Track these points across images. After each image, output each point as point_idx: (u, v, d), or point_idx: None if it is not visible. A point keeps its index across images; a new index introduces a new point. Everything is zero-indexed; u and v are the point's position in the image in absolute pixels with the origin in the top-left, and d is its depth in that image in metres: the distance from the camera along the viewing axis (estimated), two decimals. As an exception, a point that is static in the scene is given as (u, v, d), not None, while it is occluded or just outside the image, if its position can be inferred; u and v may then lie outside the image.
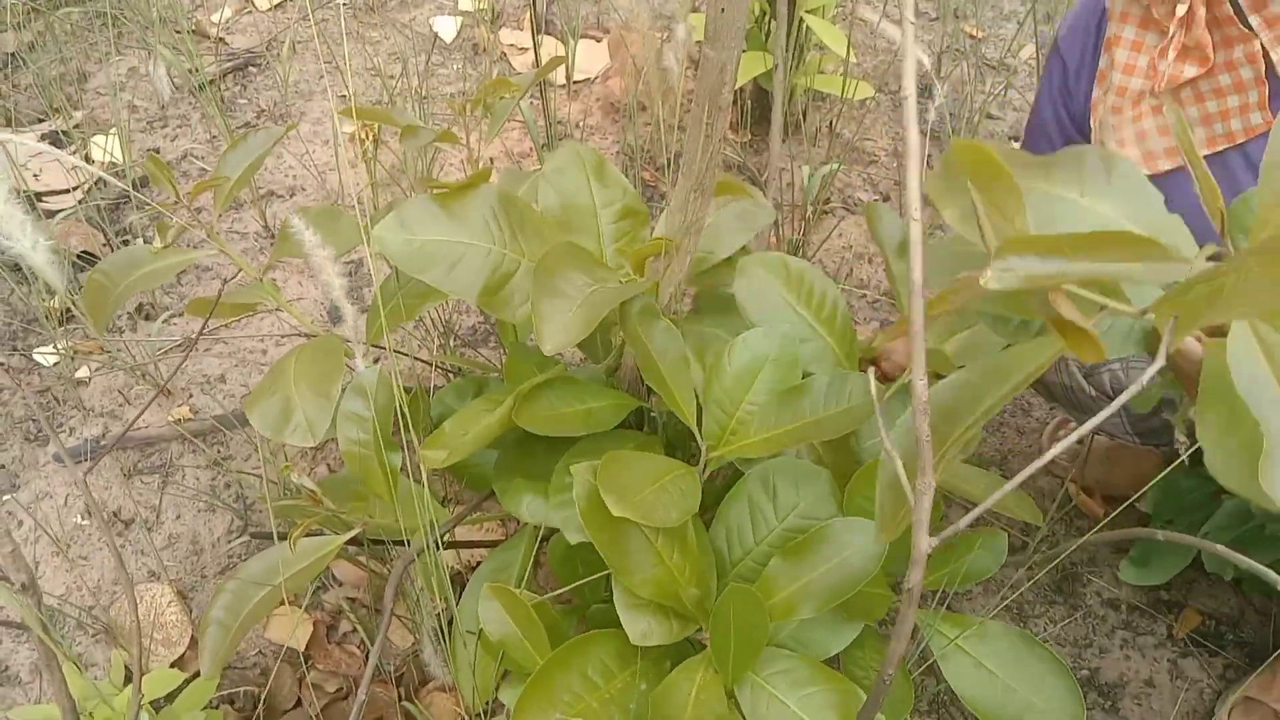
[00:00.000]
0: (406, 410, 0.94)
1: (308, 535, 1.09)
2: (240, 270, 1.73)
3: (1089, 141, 1.10)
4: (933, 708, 1.30)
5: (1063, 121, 1.15)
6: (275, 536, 1.05)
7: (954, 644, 0.93)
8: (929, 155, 1.98)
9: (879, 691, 0.63)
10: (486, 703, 1.14)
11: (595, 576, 1.06)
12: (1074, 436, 0.55)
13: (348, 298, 1.70)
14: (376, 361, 1.50)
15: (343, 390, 1.06)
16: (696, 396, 0.98)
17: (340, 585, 1.37)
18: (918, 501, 0.60)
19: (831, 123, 2.00)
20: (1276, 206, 0.55)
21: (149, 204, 1.80)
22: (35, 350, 1.60)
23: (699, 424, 0.98)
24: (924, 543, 0.60)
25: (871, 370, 0.62)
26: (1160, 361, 0.51)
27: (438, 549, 1.01)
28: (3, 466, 1.46)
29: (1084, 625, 1.37)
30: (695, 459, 1.00)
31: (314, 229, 0.85)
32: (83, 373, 1.58)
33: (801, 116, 1.94)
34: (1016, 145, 2.02)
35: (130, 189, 1.84)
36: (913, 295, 0.50)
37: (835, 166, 1.75)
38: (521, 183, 1.20)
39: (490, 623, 0.98)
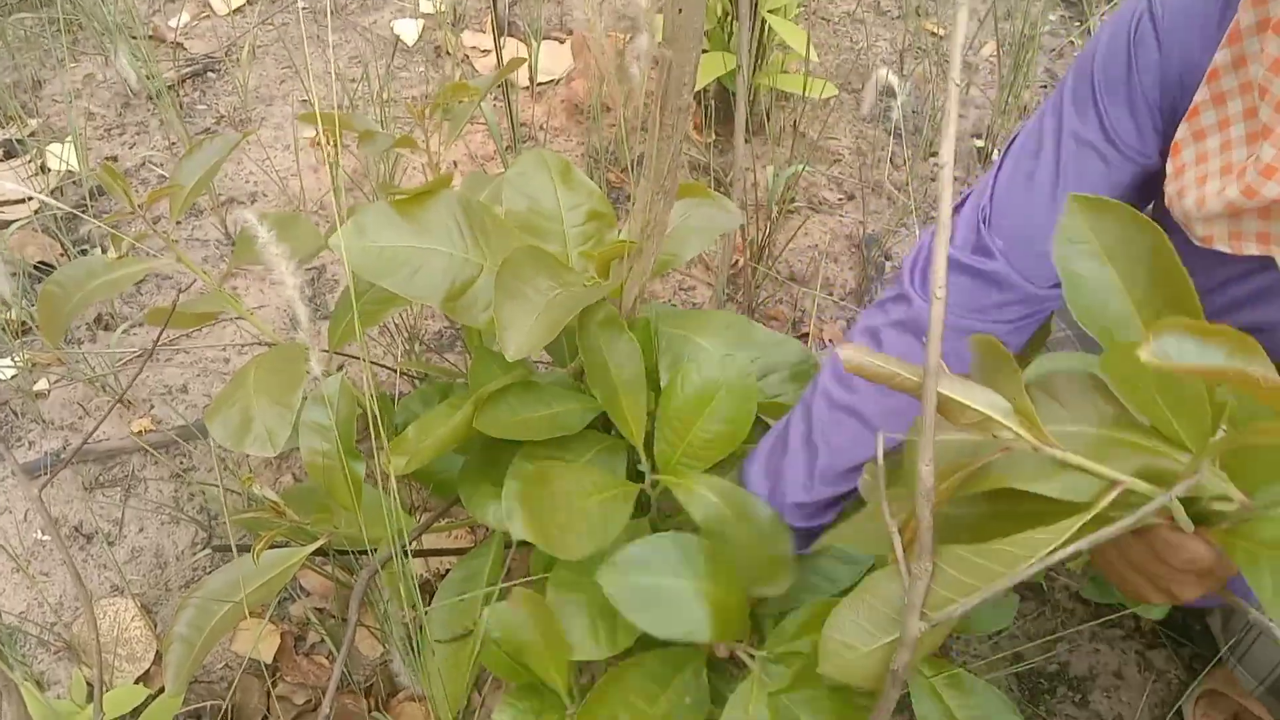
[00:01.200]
0: (378, 415, 0.93)
1: (272, 547, 1.07)
2: (202, 281, 1.71)
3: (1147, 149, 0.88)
4: (903, 706, 1.30)
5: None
6: (237, 549, 1.03)
7: (931, 688, 0.93)
8: (891, 153, 1.99)
9: None
10: (458, 712, 1.13)
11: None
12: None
13: (309, 304, 1.69)
14: (340, 369, 1.49)
15: (304, 399, 1.05)
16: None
17: (307, 596, 1.36)
18: (912, 585, 0.60)
19: (795, 122, 2.00)
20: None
21: (106, 214, 1.77)
22: (-9, 363, 1.57)
23: (648, 447, 0.97)
24: (915, 627, 0.60)
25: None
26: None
27: (406, 557, 1.00)
28: (-41, 482, 1.44)
29: (1052, 619, 1.38)
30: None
31: (271, 231, 0.83)
32: (41, 385, 1.55)
33: (765, 116, 1.94)
34: (979, 142, 2.04)
35: (87, 197, 1.81)
36: (927, 377, 0.49)
37: (800, 168, 1.75)
38: (485, 186, 1.19)
39: (515, 627, 0.95)
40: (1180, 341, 0.48)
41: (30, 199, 1.80)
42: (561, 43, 2.18)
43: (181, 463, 1.47)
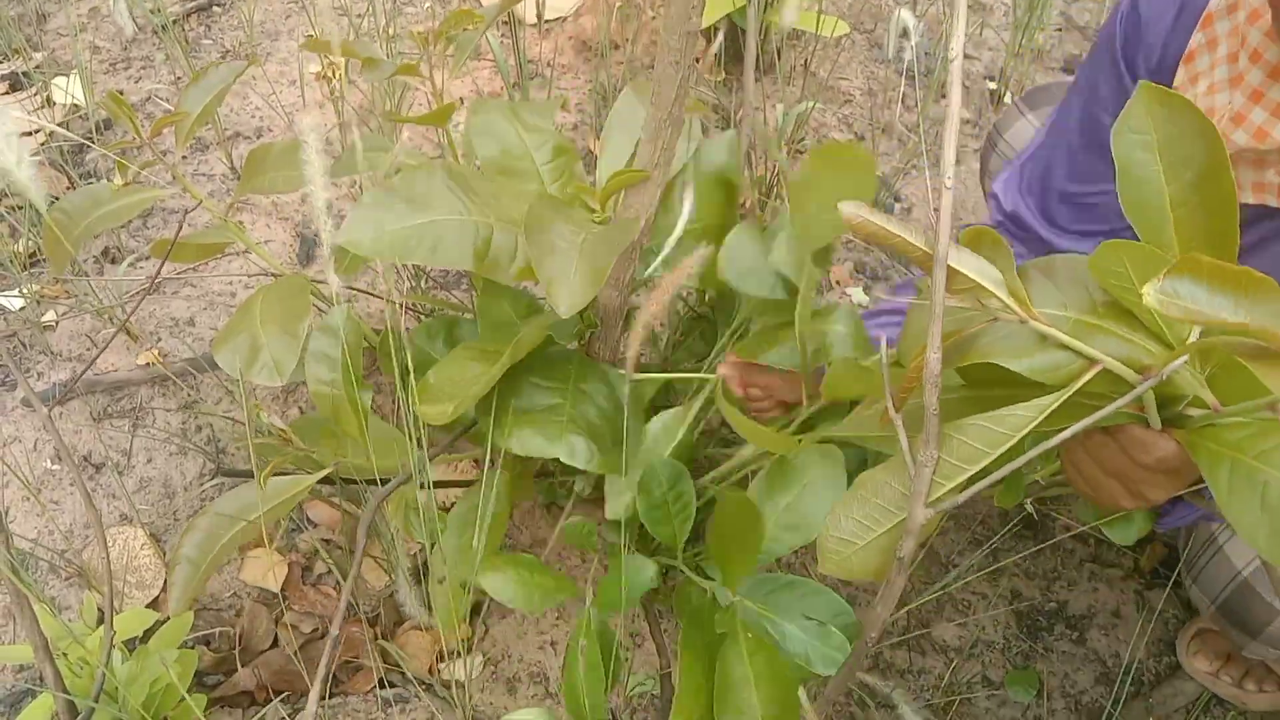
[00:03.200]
0: (379, 348, 0.94)
1: (280, 474, 1.08)
2: (208, 212, 1.70)
3: None
4: (904, 640, 1.31)
5: (1119, 69, 0.96)
6: (254, 471, 1.04)
7: None
8: (903, 95, 1.97)
9: (861, 652, 0.64)
10: (463, 640, 1.15)
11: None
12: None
13: (313, 239, 1.68)
14: (348, 302, 1.49)
15: (309, 331, 1.05)
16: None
17: (315, 527, 1.37)
18: (918, 473, 0.61)
19: (806, 61, 1.98)
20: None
21: (110, 146, 1.77)
22: (0, 295, 1.58)
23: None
24: (920, 514, 0.61)
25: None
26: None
27: (424, 488, 1.01)
28: (-31, 412, 1.45)
29: (1052, 559, 1.39)
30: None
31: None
32: (49, 317, 1.56)
33: (776, 55, 1.92)
34: (991, 85, 2.01)
35: (93, 131, 1.80)
36: (936, 266, 0.49)
37: (810, 105, 1.74)
38: (491, 112, 1.18)
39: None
40: (1192, 287, 0.48)
41: (36, 132, 1.80)
42: (570, -21, 2.16)
43: (189, 395, 1.48)
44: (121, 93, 1.91)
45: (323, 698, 1.18)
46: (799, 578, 0.95)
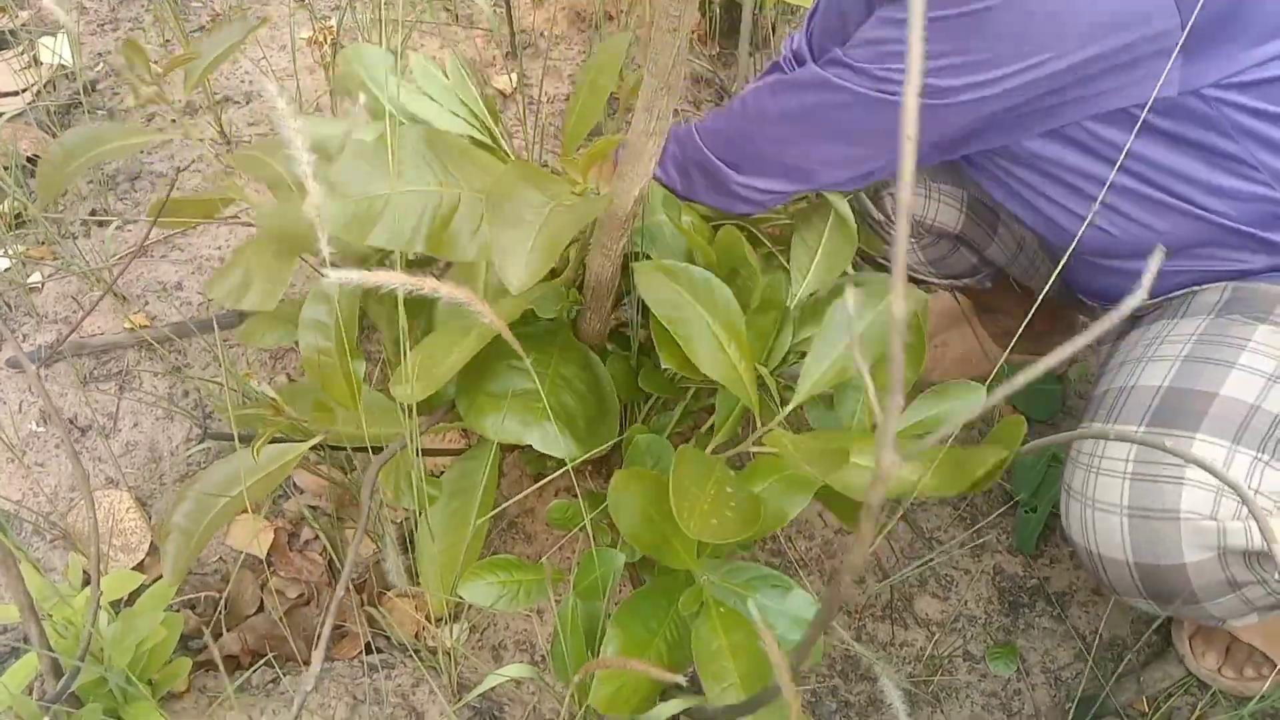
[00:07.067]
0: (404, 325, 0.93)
1: (270, 442, 1.08)
2: (198, 174, 1.69)
3: None
4: (886, 613, 1.33)
5: None
6: (237, 439, 1.04)
7: None
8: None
9: (835, 594, 0.64)
10: (450, 607, 1.15)
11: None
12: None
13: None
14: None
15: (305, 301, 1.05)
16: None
17: (301, 493, 1.37)
18: (886, 417, 0.61)
19: (801, 37, 1.97)
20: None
21: (100, 110, 1.75)
22: (-15, 255, 1.56)
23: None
24: (888, 460, 0.61)
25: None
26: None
27: (417, 455, 1.01)
28: (-46, 373, 1.44)
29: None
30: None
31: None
32: (35, 279, 1.55)
33: (770, 29, 1.91)
34: None
35: (81, 92, 1.79)
36: (904, 139, 0.48)
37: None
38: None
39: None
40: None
41: (23, 91, 1.78)
42: (565, -52, 2.14)
43: (177, 359, 1.47)
44: (110, 53, 1.89)
45: (307, 663, 1.19)
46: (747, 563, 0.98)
